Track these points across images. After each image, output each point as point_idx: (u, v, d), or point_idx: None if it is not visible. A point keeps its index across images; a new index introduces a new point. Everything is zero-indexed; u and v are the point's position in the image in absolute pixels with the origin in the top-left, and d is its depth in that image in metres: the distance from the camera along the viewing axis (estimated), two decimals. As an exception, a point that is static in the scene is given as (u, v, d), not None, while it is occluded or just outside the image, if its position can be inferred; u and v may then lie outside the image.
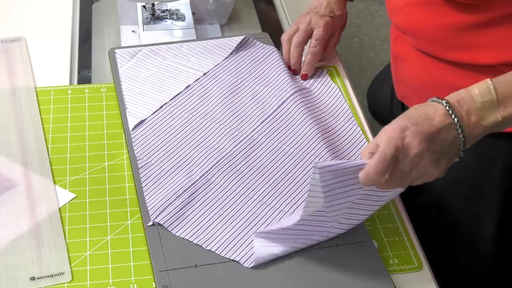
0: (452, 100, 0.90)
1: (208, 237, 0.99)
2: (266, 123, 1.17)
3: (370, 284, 0.94)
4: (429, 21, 1.09)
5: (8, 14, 1.43)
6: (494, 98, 0.89)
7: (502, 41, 1.04)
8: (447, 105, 0.89)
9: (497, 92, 0.90)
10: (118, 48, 1.30)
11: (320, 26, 1.24)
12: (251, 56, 1.29)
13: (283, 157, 1.11)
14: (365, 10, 3.02)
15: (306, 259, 0.97)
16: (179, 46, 1.31)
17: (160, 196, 1.04)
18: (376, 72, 2.45)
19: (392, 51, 1.22)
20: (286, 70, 1.26)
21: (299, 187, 1.07)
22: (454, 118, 0.88)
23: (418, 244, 1.02)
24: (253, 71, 1.27)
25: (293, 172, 1.09)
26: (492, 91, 0.90)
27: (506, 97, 0.90)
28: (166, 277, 0.94)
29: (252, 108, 1.20)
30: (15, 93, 1.22)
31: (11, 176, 1.08)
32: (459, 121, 0.88)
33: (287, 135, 1.14)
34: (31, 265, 0.96)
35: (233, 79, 1.25)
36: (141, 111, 1.18)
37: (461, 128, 0.89)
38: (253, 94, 1.22)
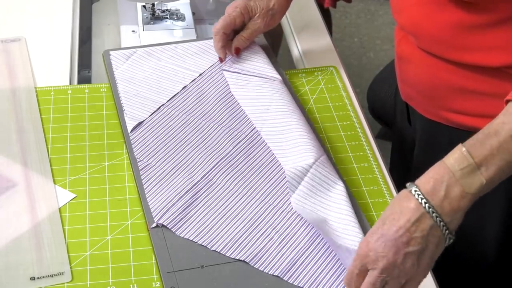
0: (425, 186, 0.85)
1: (213, 238, 0.99)
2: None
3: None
4: (433, 21, 1.08)
5: (8, 14, 1.43)
6: (472, 162, 0.84)
7: (509, 43, 1.04)
8: (418, 195, 0.85)
9: (473, 155, 0.85)
10: (112, 50, 1.30)
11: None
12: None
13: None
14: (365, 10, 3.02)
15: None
16: (174, 47, 1.30)
17: (163, 197, 1.04)
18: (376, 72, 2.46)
19: (396, 52, 1.22)
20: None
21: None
22: (429, 209, 0.84)
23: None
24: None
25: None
26: (467, 156, 0.85)
27: (484, 158, 0.85)
28: (173, 278, 0.94)
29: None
30: (15, 93, 1.22)
31: (11, 176, 1.08)
32: (435, 210, 0.84)
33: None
34: (31, 265, 0.96)
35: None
36: (139, 113, 1.18)
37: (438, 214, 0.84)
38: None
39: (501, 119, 0.86)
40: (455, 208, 0.85)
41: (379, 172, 1.12)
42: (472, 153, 0.85)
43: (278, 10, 1.26)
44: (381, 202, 1.07)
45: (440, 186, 0.85)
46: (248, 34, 1.25)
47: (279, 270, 0.96)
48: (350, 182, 1.09)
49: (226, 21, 1.24)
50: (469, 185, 0.85)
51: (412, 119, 1.29)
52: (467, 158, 0.85)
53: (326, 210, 1.01)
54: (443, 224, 0.84)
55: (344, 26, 2.96)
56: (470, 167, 0.85)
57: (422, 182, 0.86)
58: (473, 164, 0.84)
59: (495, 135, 0.85)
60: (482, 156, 0.85)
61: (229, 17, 1.24)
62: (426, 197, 0.84)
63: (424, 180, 0.86)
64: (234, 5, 1.25)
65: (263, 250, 0.98)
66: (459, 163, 0.85)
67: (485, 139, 0.85)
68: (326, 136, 1.18)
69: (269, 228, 1.01)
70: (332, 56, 1.36)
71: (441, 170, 0.86)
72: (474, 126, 1.13)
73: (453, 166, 0.85)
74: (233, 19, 1.24)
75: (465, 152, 0.85)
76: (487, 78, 1.08)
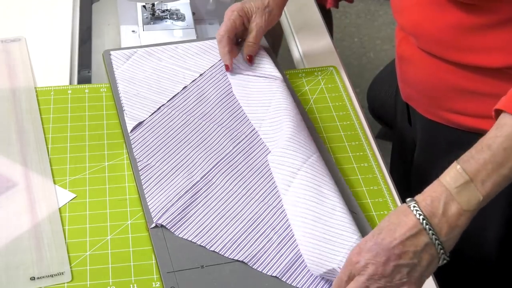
0: (424, 203, 0.85)
1: (212, 238, 0.99)
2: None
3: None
4: (434, 22, 1.08)
5: (8, 14, 1.43)
6: (467, 178, 0.84)
7: (509, 44, 1.04)
8: (417, 211, 0.85)
9: (467, 172, 0.84)
10: (113, 50, 1.30)
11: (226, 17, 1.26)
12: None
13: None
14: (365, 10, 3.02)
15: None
16: (175, 47, 1.30)
17: (162, 197, 1.04)
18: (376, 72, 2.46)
19: (397, 53, 1.22)
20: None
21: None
22: (426, 226, 0.84)
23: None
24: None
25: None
26: (462, 173, 0.84)
27: (478, 173, 0.84)
28: (173, 278, 0.94)
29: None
30: (15, 93, 1.22)
31: (11, 176, 1.08)
32: (432, 228, 0.84)
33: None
34: (31, 265, 0.96)
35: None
36: (139, 113, 1.18)
37: (435, 233, 0.84)
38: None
39: (494, 133, 0.85)
40: (453, 226, 0.85)
41: (379, 172, 1.12)
42: (466, 169, 0.84)
43: (274, 6, 1.27)
44: (381, 202, 1.07)
45: (438, 204, 0.84)
46: (253, 37, 1.26)
47: (278, 271, 0.96)
48: (350, 182, 1.09)
49: (227, 25, 1.24)
50: (467, 202, 0.84)
51: (413, 120, 1.29)
52: (462, 175, 0.85)
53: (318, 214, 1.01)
54: (438, 242, 0.84)
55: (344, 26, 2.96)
56: (466, 184, 0.84)
57: (420, 199, 0.86)
58: (469, 180, 0.84)
59: (488, 149, 0.84)
60: (476, 171, 0.84)
61: (229, 20, 1.25)
62: (425, 214, 0.84)
63: (422, 197, 0.86)
64: (231, 9, 1.26)
65: (262, 251, 0.98)
66: (455, 180, 0.85)
67: (478, 154, 0.85)
68: (326, 136, 1.18)
69: (268, 228, 1.01)
70: (332, 56, 1.36)
71: (438, 188, 0.86)
72: (474, 127, 1.13)
73: (449, 184, 0.85)
74: (233, 22, 1.25)
75: (460, 170, 0.85)
76: (488, 79, 1.08)
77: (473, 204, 0.85)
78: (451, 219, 0.84)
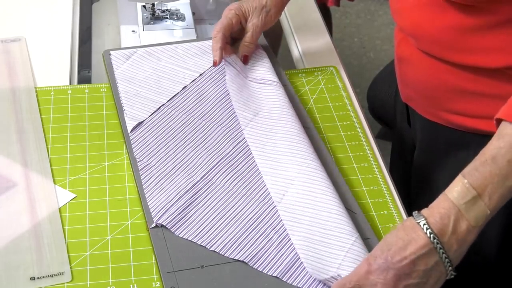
0: (433, 220, 0.85)
1: (212, 238, 0.99)
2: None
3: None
4: (433, 23, 1.08)
5: (8, 14, 1.43)
6: (475, 193, 0.84)
7: (508, 45, 1.04)
8: (427, 229, 0.84)
9: (474, 187, 0.84)
10: (113, 50, 1.30)
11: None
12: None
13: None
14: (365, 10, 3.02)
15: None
16: (174, 47, 1.30)
17: (162, 197, 1.04)
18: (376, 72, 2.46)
19: (396, 53, 1.22)
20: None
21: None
22: (437, 245, 0.84)
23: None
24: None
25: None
26: (470, 188, 0.84)
27: (486, 188, 0.84)
28: (173, 278, 0.94)
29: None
30: (15, 93, 1.22)
31: (11, 176, 1.08)
32: (443, 247, 0.84)
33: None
34: (31, 265, 0.96)
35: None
36: (139, 113, 1.18)
37: (445, 251, 0.84)
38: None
39: (496, 144, 0.85)
40: (461, 243, 0.85)
41: (379, 172, 1.12)
42: (473, 183, 0.84)
43: (271, 6, 1.27)
44: (381, 202, 1.07)
45: (448, 221, 0.84)
46: (250, 37, 1.26)
47: (278, 271, 0.96)
48: (350, 182, 1.09)
49: (223, 23, 1.25)
50: (475, 219, 0.84)
51: (412, 120, 1.29)
52: (469, 190, 0.84)
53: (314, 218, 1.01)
54: (447, 260, 0.84)
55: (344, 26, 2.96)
56: (474, 200, 0.84)
57: (428, 214, 0.85)
58: (476, 196, 0.84)
59: (492, 161, 0.84)
60: (483, 186, 0.84)
61: (226, 18, 1.25)
62: (435, 232, 0.84)
63: (429, 212, 0.86)
64: (229, 8, 1.27)
65: (262, 251, 0.98)
66: (463, 196, 0.84)
67: (483, 166, 0.85)
68: (326, 136, 1.18)
69: (269, 228, 1.01)
70: (332, 56, 1.36)
71: (446, 204, 0.85)
72: (473, 127, 1.13)
73: (457, 199, 0.85)
74: (230, 20, 1.25)
75: (467, 184, 0.84)
76: (487, 80, 1.08)
77: (481, 220, 0.84)
78: (460, 236, 0.84)
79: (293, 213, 1.01)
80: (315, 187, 1.04)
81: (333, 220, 0.99)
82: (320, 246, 0.97)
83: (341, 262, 0.94)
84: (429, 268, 0.84)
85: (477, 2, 1.02)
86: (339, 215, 1.00)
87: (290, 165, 1.08)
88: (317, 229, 0.99)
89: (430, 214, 0.85)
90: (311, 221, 1.00)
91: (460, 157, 1.18)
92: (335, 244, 0.97)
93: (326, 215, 1.00)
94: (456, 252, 0.85)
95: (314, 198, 1.03)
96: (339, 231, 0.98)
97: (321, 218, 1.00)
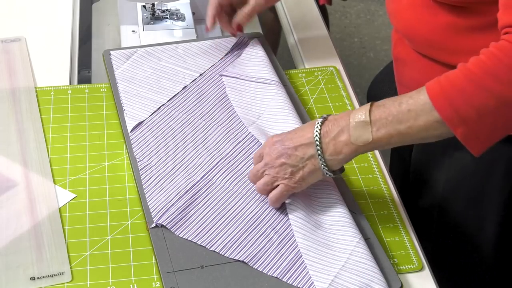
0: (326, 123, 0.97)
1: (212, 238, 0.99)
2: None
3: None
4: (426, 24, 1.09)
5: (8, 14, 1.43)
6: (368, 119, 0.94)
7: None
8: (317, 128, 0.97)
9: (372, 114, 0.94)
10: (113, 50, 1.30)
11: None
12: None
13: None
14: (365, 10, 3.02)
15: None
16: (175, 47, 1.30)
17: (162, 197, 1.04)
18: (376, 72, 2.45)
19: (393, 54, 1.23)
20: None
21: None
22: (317, 139, 0.97)
23: (418, 244, 1.02)
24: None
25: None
26: (367, 114, 0.94)
27: (379, 120, 0.93)
28: (173, 279, 0.94)
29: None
30: (15, 93, 1.22)
31: (11, 176, 1.08)
32: (319, 143, 0.97)
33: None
34: (31, 265, 0.96)
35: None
36: (139, 113, 1.18)
37: (320, 149, 0.97)
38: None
39: (411, 94, 0.93)
40: (338, 151, 0.96)
41: (379, 172, 1.12)
42: (372, 112, 0.94)
43: None
44: (381, 202, 1.07)
45: (335, 128, 0.96)
46: (249, 9, 1.25)
47: (279, 271, 0.96)
48: (350, 182, 1.09)
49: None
50: (356, 137, 0.95)
51: None
52: (366, 116, 0.94)
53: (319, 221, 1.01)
54: (321, 158, 0.97)
55: (344, 26, 2.96)
56: (365, 123, 0.94)
57: (328, 119, 0.98)
58: (368, 122, 0.94)
59: (398, 105, 0.93)
60: (378, 118, 0.93)
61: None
62: (321, 133, 0.97)
63: (333, 117, 0.98)
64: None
65: (263, 251, 0.98)
66: (359, 117, 0.95)
67: (390, 105, 0.94)
68: (326, 136, 1.17)
69: (269, 228, 1.01)
70: (332, 56, 1.36)
71: (345, 117, 0.96)
72: None
73: (353, 118, 0.95)
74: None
75: (368, 111, 0.94)
76: None
77: (360, 140, 0.95)
78: (337, 144, 0.96)
79: (299, 213, 1.01)
80: (321, 190, 1.04)
81: (337, 223, 1.00)
82: (324, 247, 0.97)
83: (343, 264, 0.95)
84: (306, 157, 0.98)
85: (468, 3, 1.02)
86: (343, 216, 1.00)
87: None
88: (321, 230, 0.99)
89: (331, 119, 0.97)
90: (316, 222, 1.00)
91: (457, 157, 1.18)
92: (338, 247, 0.97)
93: (330, 217, 1.01)
94: (331, 156, 0.96)
95: (319, 199, 1.03)
96: (343, 233, 0.98)
97: (325, 219, 1.01)
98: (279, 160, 0.99)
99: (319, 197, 1.03)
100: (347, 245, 0.97)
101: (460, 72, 0.90)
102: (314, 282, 0.94)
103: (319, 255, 0.97)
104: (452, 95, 0.89)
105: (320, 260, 0.96)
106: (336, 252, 0.97)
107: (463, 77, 0.90)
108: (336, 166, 0.98)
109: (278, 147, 0.99)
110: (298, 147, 0.98)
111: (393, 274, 0.95)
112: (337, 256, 0.96)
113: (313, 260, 0.96)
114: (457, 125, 0.90)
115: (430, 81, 0.93)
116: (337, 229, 0.99)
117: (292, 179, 0.99)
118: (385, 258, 0.97)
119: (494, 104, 0.88)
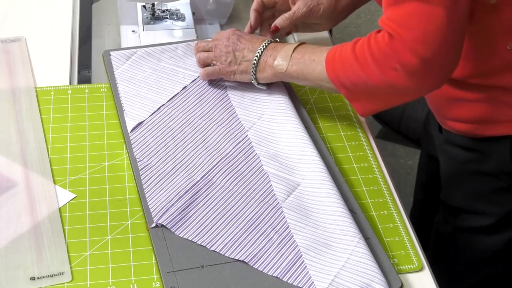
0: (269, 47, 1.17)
1: (212, 238, 0.99)
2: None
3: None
4: None
5: (8, 14, 1.43)
6: (289, 54, 1.13)
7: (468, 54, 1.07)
8: (267, 42, 1.17)
9: (295, 51, 1.13)
10: (112, 50, 1.30)
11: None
12: None
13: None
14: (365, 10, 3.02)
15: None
16: (174, 47, 1.30)
17: (162, 197, 1.04)
18: (376, 72, 2.44)
19: None
20: None
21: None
22: (259, 51, 1.16)
23: (418, 244, 1.02)
24: None
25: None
26: (292, 48, 1.14)
27: (296, 58, 1.13)
28: (173, 278, 0.94)
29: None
30: (15, 93, 1.22)
31: (11, 176, 1.08)
32: (260, 55, 1.17)
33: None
34: (31, 265, 0.96)
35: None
36: (139, 113, 1.18)
37: (257, 61, 1.17)
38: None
39: (322, 49, 1.12)
40: (265, 68, 1.16)
41: (379, 172, 1.12)
42: (297, 50, 1.14)
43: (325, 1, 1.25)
44: (381, 202, 1.07)
45: (273, 52, 1.16)
46: (290, 14, 1.24)
47: (279, 271, 0.96)
48: (350, 182, 1.09)
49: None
50: (277, 63, 1.15)
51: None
52: (291, 49, 1.14)
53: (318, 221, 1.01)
54: (254, 65, 1.17)
55: (344, 26, 2.96)
56: (286, 55, 1.14)
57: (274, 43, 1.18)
58: (289, 55, 1.14)
59: (311, 53, 1.12)
60: (296, 56, 1.13)
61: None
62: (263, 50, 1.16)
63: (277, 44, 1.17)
64: None
65: (263, 250, 0.98)
66: (287, 48, 1.15)
67: (308, 50, 1.13)
68: (326, 136, 1.18)
69: (269, 228, 1.01)
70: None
71: (282, 46, 1.16)
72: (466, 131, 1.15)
73: (285, 49, 1.15)
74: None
75: (294, 47, 1.14)
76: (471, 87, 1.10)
77: (278, 68, 1.15)
78: (266, 64, 1.16)
79: (298, 214, 1.02)
80: (321, 189, 1.04)
81: (337, 223, 1.00)
82: (324, 247, 0.97)
83: (343, 264, 0.95)
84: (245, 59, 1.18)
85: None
86: (343, 216, 1.00)
87: (296, 166, 1.08)
88: (321, 230, 0.99)
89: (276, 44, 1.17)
90: (315, 223, 1.01)
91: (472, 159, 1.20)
92: (338, 246, 0.97)
93: (330, 217, 1.01)
94: (260, 69, 1.17)
95: (319, 199, 1.03)
96: (343, 233, 0.98)
97: (325, 219, 1.01)
98: (228, 48, 1.19)
99: (319, 197, 1.04)
100: (347, 245, 0.97)
101: (349, 46, 1.07)
102: (314, 282, 0.94)
103: (319, 255, 0.97)
104: (337, 64, 1.08)
105: (320, 260, 0.96)
106: (336, 252, 0.97)
107: (350, 53, 1.06)
108: (261, 80, 1.18)
109: (233, 39, 1.19)
110: (245, 49, 1.18)
111: (393, 274, 0.95)
112: (337, 256, 0.96)
113: (313, 260, 0.96)
114: (339, 87, 1.09)
115: (335, 46, 1.11)
116: (337, 229, 0.99)
117: (227, 68, 1.19)
118: (385, 258, 0.97)
119: (363, 81, 1.06)
